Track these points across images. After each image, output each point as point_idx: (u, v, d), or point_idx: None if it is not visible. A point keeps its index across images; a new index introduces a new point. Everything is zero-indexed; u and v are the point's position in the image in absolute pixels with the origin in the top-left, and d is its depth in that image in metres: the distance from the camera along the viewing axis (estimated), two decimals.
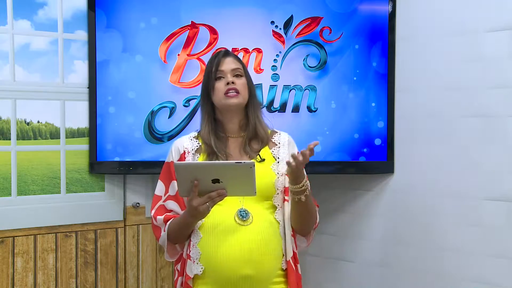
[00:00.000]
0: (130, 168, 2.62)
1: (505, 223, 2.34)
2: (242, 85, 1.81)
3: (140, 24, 2.58)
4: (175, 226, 1.79)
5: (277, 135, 1.89)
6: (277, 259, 1.77)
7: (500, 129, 2.35)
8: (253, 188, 1.63)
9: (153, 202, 1.88)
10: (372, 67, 2.64)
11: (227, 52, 1.88)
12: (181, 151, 1.85)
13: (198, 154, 1.84)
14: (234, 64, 1.83)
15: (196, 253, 1.76)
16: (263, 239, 1.73)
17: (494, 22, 2.36)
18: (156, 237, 1.87)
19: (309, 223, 1.84)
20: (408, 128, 2.62)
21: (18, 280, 2.51)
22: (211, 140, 1.82)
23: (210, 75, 1.82)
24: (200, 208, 1.64)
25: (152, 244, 2.78)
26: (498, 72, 2.36)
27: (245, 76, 1.84)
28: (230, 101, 1.80)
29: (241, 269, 1.70)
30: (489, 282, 2.37)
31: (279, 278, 1.77)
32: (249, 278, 1.70)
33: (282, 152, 1.85)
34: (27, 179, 2.54)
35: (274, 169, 1.82)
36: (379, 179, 2.72)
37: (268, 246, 1.74)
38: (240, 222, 1.73)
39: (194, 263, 1.75)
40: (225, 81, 1.80)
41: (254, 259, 1.71)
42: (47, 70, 2.57)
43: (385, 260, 2.69)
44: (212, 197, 1.64)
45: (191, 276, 1.75)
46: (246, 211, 1.74)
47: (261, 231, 1.74)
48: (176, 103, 2.58)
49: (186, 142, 1.87)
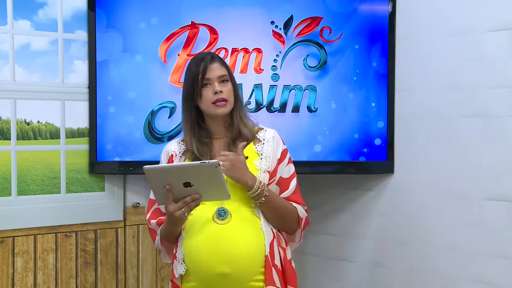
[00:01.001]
0: (130, 168, 2.62)
1: (505, 223, 2.34)
2: (228, 92, 1.81)
3: (140, 24, 2.58)
4: (163, 231, 1.83)
5: (262, 131, 1.89)
6: (257, 256, 1.75)
7: (500, 129, 2.35)
8: (225, 191, 1.64)
9: (148, 206, 1.92)
10: (372, 67, 2.64)
11: (213, 57, 1.84)
12: (169, 154, 1.88)
13: (184, 157, 1.86)
14: (219, 71, 1.82)
15: (180, 254, 1.78)
16: (241, 237, 1.73)
17: (494, 22, 2.36)
18: (152, 239, 1.92)
19: (286, 224, 1.84)
20: (408, 128, 2.62)
21: (18, 280, 2.51)
22: (193, 145, 1.82)
23: (195, 81, 1.81)
24: (176, 214, 1.66)
25: (152, 244, 2.78)
26: (498, 72, 2.36)
27: (230, 81, 1.84)
28: (219, 110, 1.80)
29: (218, 267, 1.71)
30: (489, 282, 2.37)
31: (261, 276, 1.76)
32: (227, 276, 1.71)
33: (266, 148, 1.85)
34: (27, 179, 2.54)
35: (256, 165, 1.82)
36: (379, 179, 2.72)
37: (246, 244, 1.73)
38: (218, 222, 1.74)
39: (179, 263, 1.78)
40: (213, 89, 1.79)
41: (231, 257, 1.71)
42: (47, 70, 2.57)
43: (385, 260, 2.69)
44: (187, 202, 1.66)
45: (176, 276, 1.78)
46: (225, 209, 1.75)
47: (239, 230, 1.74)
48: (176, 103, 2.58)
49: (174, 145, 1.90)
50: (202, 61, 1.82)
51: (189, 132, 1.85)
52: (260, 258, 1.76)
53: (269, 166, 1.82)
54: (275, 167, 1.84)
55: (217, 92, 1.79)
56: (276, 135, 1.88)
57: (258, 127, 1.90)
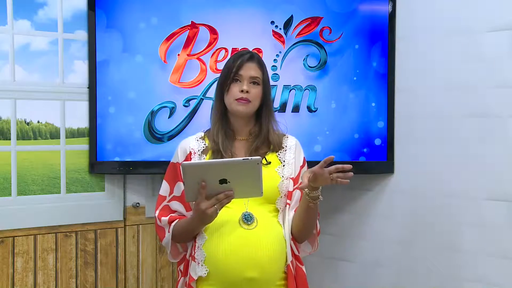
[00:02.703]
0: (130, 168, 2.62)
1: (506, 223, 2.34)
2: (255, 94, 1.81)
3: (140, 24, 2.58)
4: (180, 228, 1.79)
5: (285, 138, 1.90)
6: (280, 262, 1.78)
7: (500, 129, 2.35)
8: (260, 187, 1.63)
9: (157, 202, 1.88)
10: (372, 67, 2.64)
11: (253, 56, 1.84)
12: (187, 152, 1.85)
13: (204, 155, 1.84)
14: (254, 72, 1.81)
15: (201, 255, 1.76)
16: (267, 242, 1.74)
17: (494, 22, 2.36)
18: (160, 237, 1.87)
19: (310, 230, 1.85)
20: (408, 128, 2.62)
21: (18, 280, 2.51)
22: (219, 138, 1.82)
23: (228, 75, 1.81)
24: (208, 211, 1.64)
25: (152, 244, 2.78)
26: (498, 72, 2.36)
27: (262, 85, 1.83)
28: (238, 108, 1.80)
29: (246, 272, 1.70)
30: (489, 282, 2.37)
31: (281, 281, 1.79)
32: (253, 281, 1.71)
33: (288, 155, 1.86)
34: (27, 179, 2.54)
35: (279, 172, 1.82)
36: (379, 179, 2.72)
37: (272, 250, 1.74)
38: (245, 226, 1.74)
39: (199, 265, 1.75)
40: (240, 86, 1.79)
41: (259, 262, 1.71)
42: (47, 70, 2.57)
43: (385, 260, 2.69)
44: (220, 199, 1.64)
45: (195, 278, 1.75)
46: (251, 214, 1.75)
47: (265, 235, 1.75)
48: (176, 103, 2.58)
49: (193, 143, 1.87)
50: (241, 57, 1.82)
51: (218, 123, 1.84)
52: (282, 264, 1.78)
53: (292, 173, 1.83)
54: (298, 174, 1.84)
55: (243, 91, 1.79)
56: (298, 143, 1.90)
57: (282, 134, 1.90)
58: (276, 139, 1.86)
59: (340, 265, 2.85)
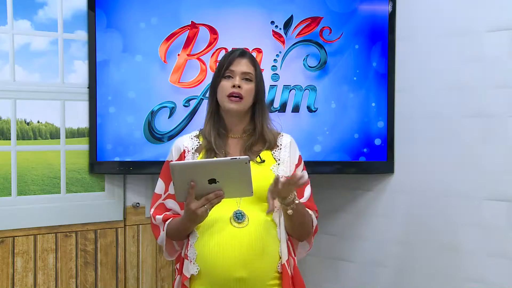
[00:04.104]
0: (130, 168, 2.62)
1: (505, 223, 2.34)
2: (247, 91, 1.79)
3: (140, 24, 2.58)
4: (174, 227, 1.79)
5: (279, 137, 1.88)
6: (272, 261, 1.75)
7: (500, 129, 2.35)
8: (249, 187, 1.61)
9: (152, 200, 1.88)
10: (372, 67, 2.64)
11: (244, 52, 1.83)
12: (181, 150, 1.84)
13: (197, 153, 1.83)
14: (246, 67, 1.80)
15: (193, 253, 1.75)
16: (258, 242, 1.71)
17: (494, 22, 2.36)
18: (155, 236, 1.87)
19: (302, 232, 1.82)
20: (408, 128, 2.62)
21: (18, 280, 2.51)
22: (212, 136, 1.80)
23: (220, 71, 1.81)
24: (198, 211, 1.63)
25: (152, 244, 2.78)
26: (498, 72, 2.36)
27: (255, 81, 1.81)
28: (230, 105, 1.78)
29: (236, 272, 1.68)
30: (489, 282, 2.37)
31: (274, 280, 1.75)
32: (243, 281, 1.69)
33: (283, 154, 1.84)
34: (27, 179, 2.54)
35: (274, 170, 1.80)
36: (379, 179, 2.72)
37: (263, 249, 1.72)
38: (236, 224, 1.72)
39: (191, 263, 1.75)
40: (232, 82, 1.78)
41: (248, 262, 1.69)
42: (47, 70, 2.57)
43: (385, 260, 2.69)
44: (210, 199, 1.63)
45: (188, 276, 1.75)
46: (242, 213, 1.73)
47: (256, 234, 1.72)
48: (176, 103, 2.58)
49: (187, 141, 1.86)
50: (232, 53, 1.81)
51: (209, 122, 1.83)
52: (275, 263, 1.75)
53: (287, 171, 1.81)
54: (293, 172, 1.82)
55: (235, 86, 1.77)
56: (293, 141, 1.88)
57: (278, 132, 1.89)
58: (271, 136, 1.84)
59: (339, 265, 2.85)
